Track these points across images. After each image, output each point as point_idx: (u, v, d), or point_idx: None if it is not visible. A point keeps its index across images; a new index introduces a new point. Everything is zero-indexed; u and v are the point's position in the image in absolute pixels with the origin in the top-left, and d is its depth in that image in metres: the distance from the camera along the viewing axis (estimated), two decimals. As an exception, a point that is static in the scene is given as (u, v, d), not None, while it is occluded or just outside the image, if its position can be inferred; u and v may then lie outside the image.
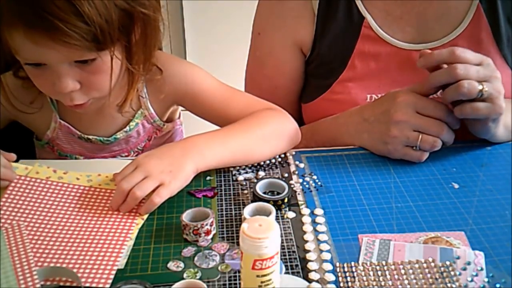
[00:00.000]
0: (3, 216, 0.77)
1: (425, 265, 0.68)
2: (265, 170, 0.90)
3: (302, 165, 0.91)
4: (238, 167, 0.90)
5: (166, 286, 0.66)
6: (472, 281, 0.66)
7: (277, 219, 0.77)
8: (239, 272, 0.67)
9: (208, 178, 0.88)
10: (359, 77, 1.02)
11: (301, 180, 0.87)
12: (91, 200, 0.81)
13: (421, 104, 0.87)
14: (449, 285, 0.65)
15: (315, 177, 0.88)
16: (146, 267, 0.70)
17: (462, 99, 0.84)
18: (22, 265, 0.67)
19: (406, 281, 0.66)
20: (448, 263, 0.68)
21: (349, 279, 0.66)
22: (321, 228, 0.76)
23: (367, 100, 1.01)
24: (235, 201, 0.82)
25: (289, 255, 0.71)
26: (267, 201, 0.78)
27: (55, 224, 0.76)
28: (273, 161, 0.92)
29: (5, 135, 1.00)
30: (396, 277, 0.66)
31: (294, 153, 0.95)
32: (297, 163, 0.92)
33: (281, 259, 0.70)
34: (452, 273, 0.67)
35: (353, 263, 0.69)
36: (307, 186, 0.86)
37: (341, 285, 0.66)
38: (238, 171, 0.89)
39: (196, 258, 0.71)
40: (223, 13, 2.23)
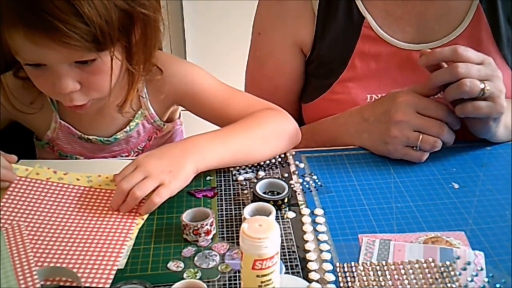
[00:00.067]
0: (3, 216, 0.77)
1: (425, 265, 0.68)
2: (265, 170, 0.90)
3: (302, 165, 0.91)
4: (238, 167, 0.90)
5: (166, 286, 0.66)
6: (472, 281, 0.66)
7: (277, 219, 0.77)
8: (239, 272, 0.67)
9: (208, 178, 0.88)
10: (359, 77, 1.02)
11: (301, 180, 0.87)
12: (91, 200, 0.81)
13: (422, 104, 0.87)
14: (449, 285, 0.65)
15: (315, 177, 0.88)
16: (146, 267, 0.70)
17: (463, 97, 0.84)
18: (22, 265, 0.67)
19: (406, 281, 0.66)
20: (448, 263, 0.68)
21: (349, 279, 0.66)
22: (321, 228, 0.76)
23: (367, 100, 1.01)
24: (235, 201, 0.82)
25: (289, 255, 0.71)
26: (267, 201, 0.78)
27: (55, 224, 0.76)
28: (273, 161, 0.92)
29: (5, 135, 1.00)
30: (396, 277, 0.66)
31: (294, 153, 0.95)
32: (297, 163, 0.92)
33: (281, 259, 0.70)
34: (452, 273, 0.67)
35: (353, 263, 0.69)
36: (307, 186, 0.86)
37: (341, 285, 0.66)
38: (238, 171, 0.89)
39: (196, 258, 0.71)
40: (223, 13, 2.23)
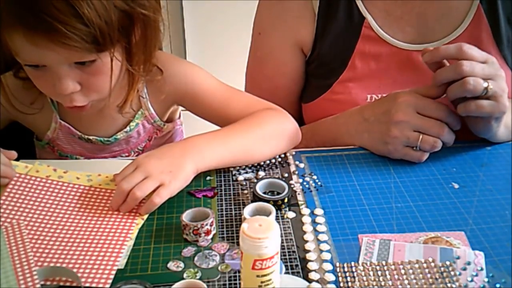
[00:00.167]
0: (3, 214, 0.77)
1: (425, 265, 0.68)
2: (265, 170, 0.90)
3: (302, 165, 0.91)
4: (238, 167, 0.90)
5: (166, 286, 0.66)
6: (472, 281, 0.66)
7: (277, 219, 0.77)
8: (239, 272, 0.67)
9: (208, 178, 0.88)
10: (360, 77, 1.02)
11: (301, 180, 0.87)
12: (91, 200, 0.81)
13: (422, 104, 0.87)
14: (449, 285, 0.65)
15: (315, 177, 0.88)
16: (146, 267, 0.70)
17: (466, 96, 0.84)
18: (22, 265, 0.67)
19: (406, 281, 0.66)
20: (448, 263, 0.68)
21: (349, 279, 0.66)
22: (321, 228, 0.76)
23: (367, 100, 1.01)
24: (235, 201, 0.82)
25: (289, 255, 0.71)
26: (267, 201, 0.78)
27: (55, 223, 0.76)
28: (273, 161, 0.92)
29: (5, 135, 1.00)
30: (396, 277, 0.66)
31: (294, 153, 0.95)
32: (297, 163, 0.92)
33: (281, 259, 0.70)
34: (452, 273, 0.67)
35: (353, 263, 0.69)
36: (307, 186, 0.86)
37: (341, 285, 0.66)
38: (238, 171, 0.89)
39: (196, 258, 0.71)
40: (223, 13, 2.23)
